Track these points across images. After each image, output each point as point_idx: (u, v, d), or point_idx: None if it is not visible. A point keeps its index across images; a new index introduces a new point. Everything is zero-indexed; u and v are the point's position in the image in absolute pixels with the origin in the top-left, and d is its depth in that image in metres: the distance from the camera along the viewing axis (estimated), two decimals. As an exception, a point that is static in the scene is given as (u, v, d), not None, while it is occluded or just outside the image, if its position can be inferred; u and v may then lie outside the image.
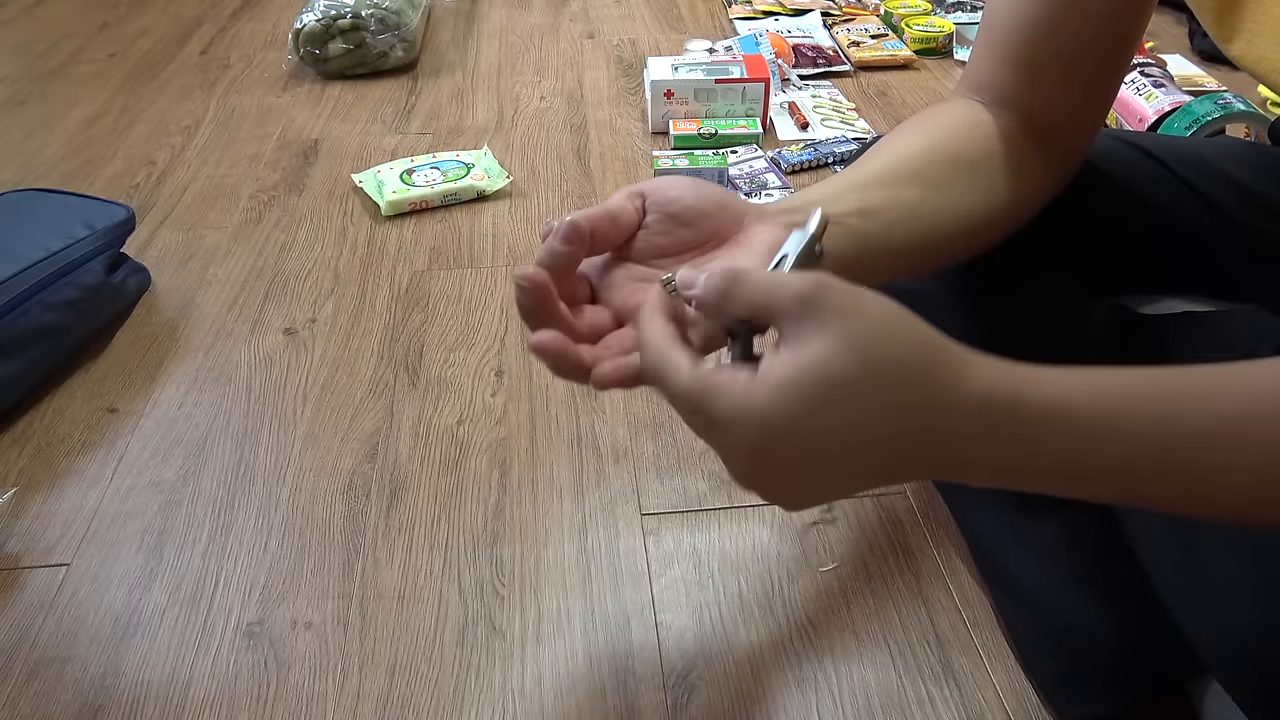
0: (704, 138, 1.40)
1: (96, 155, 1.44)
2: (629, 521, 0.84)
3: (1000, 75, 0.63)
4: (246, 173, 1.39)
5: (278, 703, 0.70)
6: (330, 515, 0.85)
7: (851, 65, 1.67)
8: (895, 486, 0.86)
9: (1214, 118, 1.18)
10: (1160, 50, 1.62)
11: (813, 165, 1.36)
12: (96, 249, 1.05)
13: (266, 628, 0.75)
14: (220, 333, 1.07)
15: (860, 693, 0.70)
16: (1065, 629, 0.68)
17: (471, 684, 0.71)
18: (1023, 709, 0.69)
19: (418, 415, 0.95)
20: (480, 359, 1.03)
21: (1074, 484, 0.43)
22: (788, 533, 0.83)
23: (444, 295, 1.12)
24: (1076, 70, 0.61)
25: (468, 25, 1.89)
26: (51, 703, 0.70)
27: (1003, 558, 0.73)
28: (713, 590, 0.78)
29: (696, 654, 0.73)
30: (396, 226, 1.25)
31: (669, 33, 1.86)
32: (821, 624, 0.75)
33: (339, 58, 1.64)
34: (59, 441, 0.94)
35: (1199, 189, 0.69)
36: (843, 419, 0.39)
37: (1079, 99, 0.63)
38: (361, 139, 1.47)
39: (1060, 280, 0.69)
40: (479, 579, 0.79)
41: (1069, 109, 0.63)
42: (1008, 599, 0.73)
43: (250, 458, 0.91)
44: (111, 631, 0.76)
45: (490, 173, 1.32)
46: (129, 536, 0.83)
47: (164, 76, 1.70)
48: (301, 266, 1.18)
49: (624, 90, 1.62)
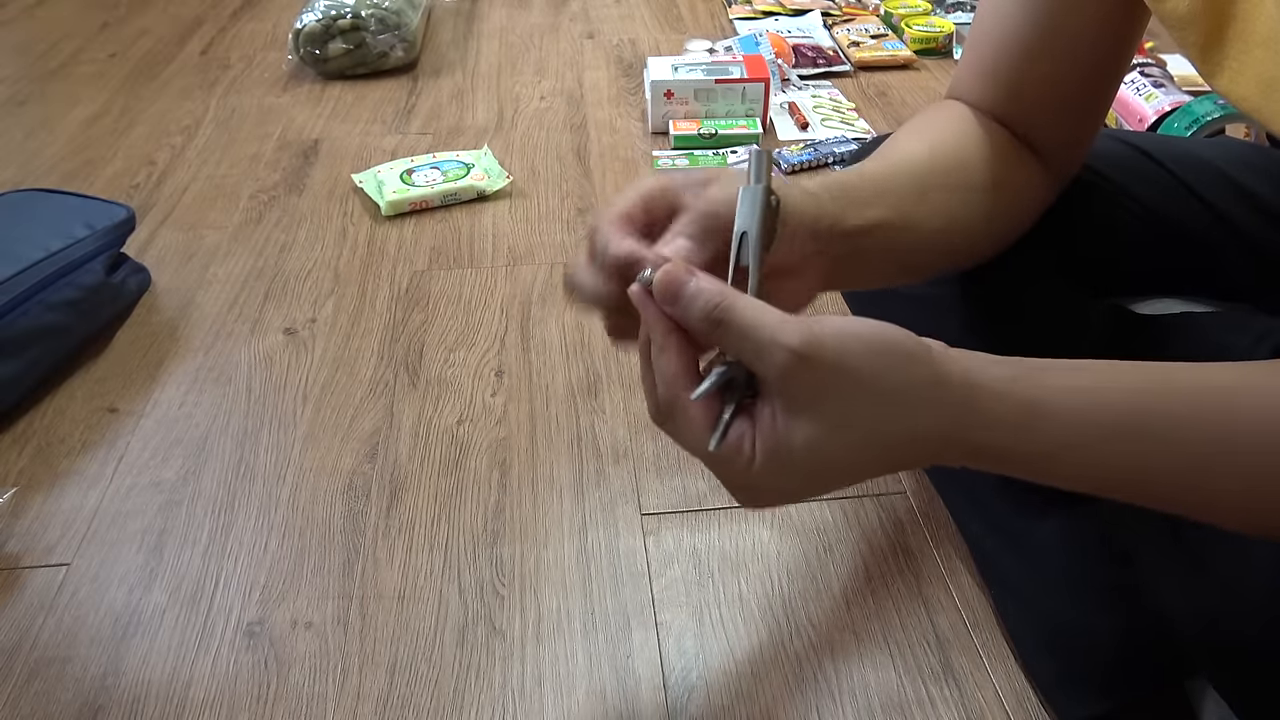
0: (704, 138, 1.41)
1: (96, 155, 1.44)
2: (629, 521, 0.84)
3: (988, 95, 0.63)
4: (246, 173, 1.39)
5: (278, 703, 0.70)
6: (330, 515, 0.85)
7: (851, 65, 1.67)
8: (895, 488, 0.87)
9: (1214, 118, 1.18)
10: (1160, 50, 1.62)
11: (813, 165, 1.36)
12: (96, 249, 1.05)
13: (266, 628, 0.75)
14: (220, 333, 1.07)
15: (860, 693, 0.70)
16: (1065, 629, 0.68)
17: (471, 684, 0.71)
18: (1023, 709, 0.69)
19: (418, 415, 0.95)
20: (480, 359, 1.03)
21: (1083, 473, 0.44)
22: (788, 533, 0.83)
23: (444, 295, 1.12)
24: (1065, 94, 0.61)
25: (468, 25, 1.89)
26: (51, 703, 0.70)
27: (1002, 559, 0.73)
28: (713, 590, 0.78)
29: (696, 654, 0.73)
30: (396, 226, 1.25)
31: (669, 33, 1.86)
32: (821, 624, 0.75)
33: (339, 58, 1.64)
34: (59, 441, 0.94)
35: (1198, 191, 0.69)
36: (849, 465, 0.43)
37: (1068, 121, 0.63)
38: (361, 139, 1.47)
39: (1059, 282, 0.69)
40: (479, 579, 0.79)
41: (1058, 130, 0.63)
42: (1007, 599, 0.73)
43: (250, 458, 0.91)
44: (111, 631, 0.76)
45: (490, 173, 1.32)
46: (129, 536, 0.83)
47: (164, 76, 1.70)
48: (301, 266, 1.18)
49: (624, 90, 1.62)
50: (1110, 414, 0.42)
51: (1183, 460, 0.42)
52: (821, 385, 0.40)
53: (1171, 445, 0.42)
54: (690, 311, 0.41)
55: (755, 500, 0.44)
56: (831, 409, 0.40)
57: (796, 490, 0.43)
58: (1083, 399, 0.42)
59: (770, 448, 0.40)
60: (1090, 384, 0.43)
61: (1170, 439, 0.42)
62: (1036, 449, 0.42)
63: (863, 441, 0.41)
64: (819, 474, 0.42)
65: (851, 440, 0.41)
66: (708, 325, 0.41)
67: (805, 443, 0.40)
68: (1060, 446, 0.42)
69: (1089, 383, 0.43)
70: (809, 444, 0.40)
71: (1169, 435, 0.42)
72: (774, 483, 0.42)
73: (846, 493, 0.86)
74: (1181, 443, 0.42)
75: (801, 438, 0.40)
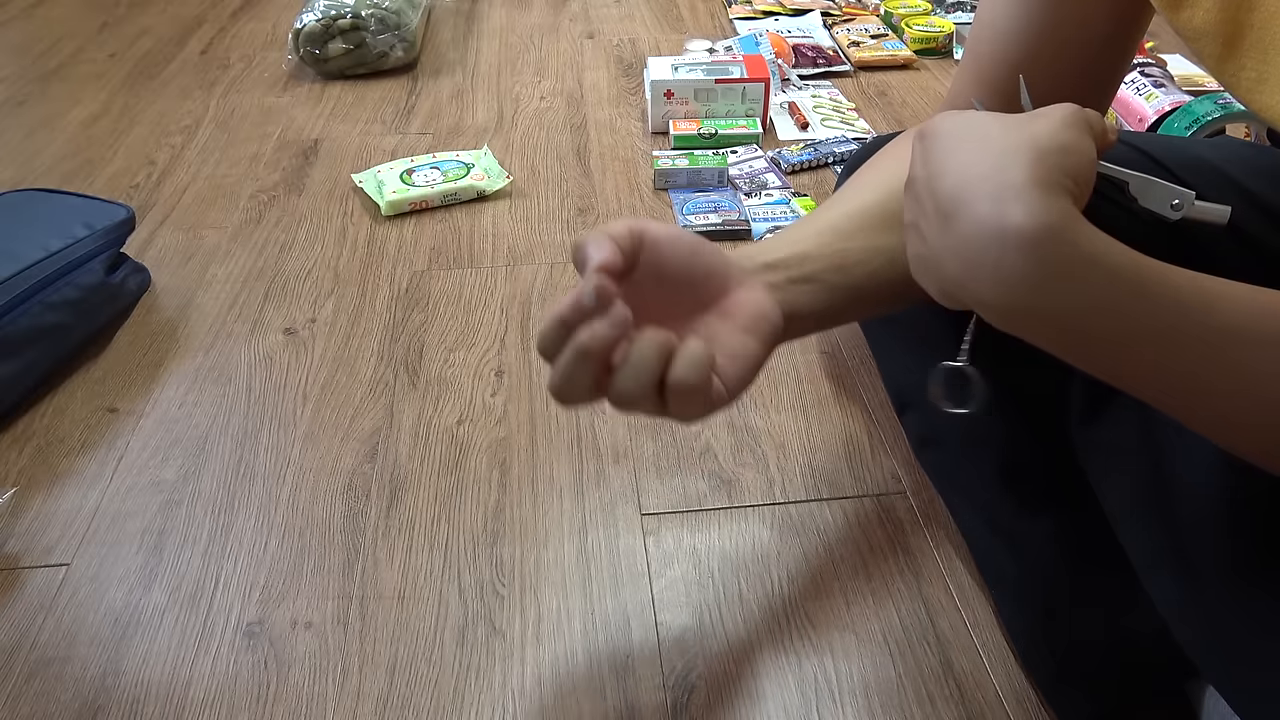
0: (704, 138, 1.40)
1: (96, 155, 1.44)
2: (629, 521, 0.84)
3: (987, 99, 0.63)
4: (246, 173, 1.39)
5: (278, 703, 0.70)
6: (330, 515, 0.85)
7: (851, 65, 1.67)
8: (896, 488, 0.87)
9: (1214, 118, 1.18)
10: (1160, 50, 1.62)
11: (813, 165, 1.36)
12: (96, 249, 1.05)
13: (266, 628, 0.75)
14: (220, 333, 1.07)
15: (860, 693, 0.70)
16: (1064, 629, 0.68)
17: (471, 684, 0.71)
18: (1023, 709, 0.69)
19: (418, 415, 0.95)
20: (480, 359, 1.03)
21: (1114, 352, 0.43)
22: (788, 533, 0.83)
23: (444, 295, 1.12)
24: (1065, 96, 0.61)
25: (468, 25, 1.89)
26: (51, 703, 0.70)
27: (1002, 558, 0.74)
28: (713, 590, 0.78)
29: (696, 654, 0.73)
30: (396, 226, 1.25)
31: (669, 33, 1.86)
32: (821, 624, 0.75)
33: (339, 58, 1.64)
34: (59, 441, 0.94)
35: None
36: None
37: None
38: (361, 139, 1.47)
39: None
40: (479, 579, 0.79)
41: None
42: (1007, 599, 0.73)
43: (250, 458, 0.91)
44: (111, 631, 0.76)
45: (490, 173, 1.32)
46: (129, 536, 0.83)
47: (164, 76, 1.70)
48: (301, 266, 1.18)
49: (624, 90, 1.62)
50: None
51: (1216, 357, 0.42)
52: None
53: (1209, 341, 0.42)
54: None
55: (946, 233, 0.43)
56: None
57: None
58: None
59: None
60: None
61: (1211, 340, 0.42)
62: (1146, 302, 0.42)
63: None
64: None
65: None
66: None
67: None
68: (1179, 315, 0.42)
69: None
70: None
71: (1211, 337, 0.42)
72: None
73: (846, 493, 0.86)
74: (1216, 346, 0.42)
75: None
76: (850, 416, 0.95)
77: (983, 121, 0.44)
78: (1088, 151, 0.43)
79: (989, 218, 0.40)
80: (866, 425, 0.94)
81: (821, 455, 0.90)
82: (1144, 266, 0.41)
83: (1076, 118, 0.44)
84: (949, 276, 0.43)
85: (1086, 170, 0.42)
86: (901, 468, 0.89)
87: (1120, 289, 0.40)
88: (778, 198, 1.28)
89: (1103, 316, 0.41)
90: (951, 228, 0.41)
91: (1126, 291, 0.40)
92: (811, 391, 0.98)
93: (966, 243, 0.41)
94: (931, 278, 0.44)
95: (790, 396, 0.97)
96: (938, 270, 0.43)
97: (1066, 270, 0.40)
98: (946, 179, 0.42)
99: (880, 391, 0.96)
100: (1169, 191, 0.47)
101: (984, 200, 0.40)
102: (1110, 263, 0.40)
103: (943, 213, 0.42)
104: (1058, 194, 0.40)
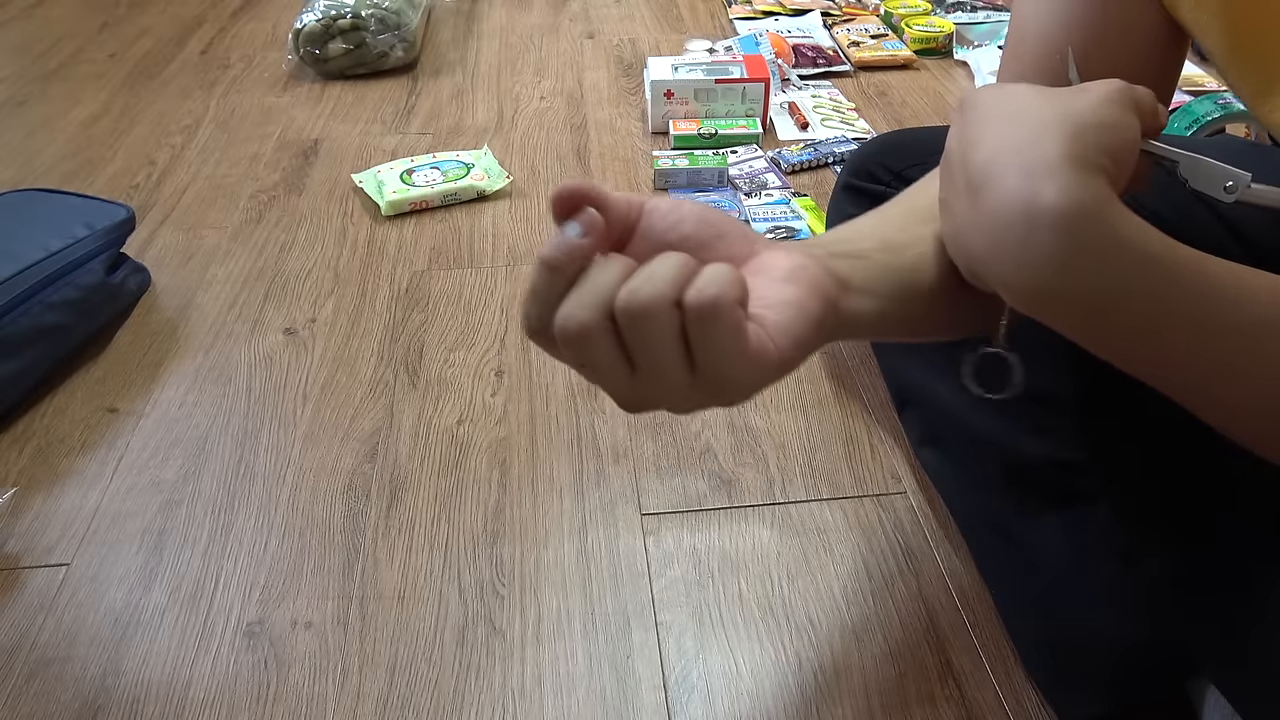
0: (704, 138, 1.40)
1: (96, 155, 1.44)
2: (629, 521, 0.84)
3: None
4: (246, 173, 1.39)
5: (278, 703, 0.70)
6: (330, 515, 0.85)
7: (851, 65, 1.67)
8: (896, 488, 0.87)
9: (1214, 118, 1.18)
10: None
11: (813, 165, 1.36)
12: (96, 249, 1.05)
13: (266, 628, 0.75)
14: (220, 333, 1.07)
15: (860, 693, 0.70)
16: (1065, 629, 0.68)
17: (471, 684, 0.71)
18: (1023, 709, 0.69)
19: (418, 415, 0.95)
20: (480, 359, 1.03)
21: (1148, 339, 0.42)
22: (788, 533, 0.83)
23: (444, 295, 1.12)
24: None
25: (468, 25, 1.89)
26: (51, 703, 0.70)
27: (1002, 558, 0.73)
28: (713, 590, 0.78)
29: (696, 654, 0.73)
30: (396, 226, 1.25)
31: (669, 33, 1.86)
32: (821, 624, 0.75)
33: (339, 58, 1.64)
34: (59, 441, 0.94)
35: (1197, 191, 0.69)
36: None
37: None
38: (361, 139, 1.47)
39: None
40: (479, 579, 0.79)
41: None
42: (1007, 599, 0.73)
43: (250, 458, 0.91)
44: (111, 631, 0.76)
45: (490, 173, 1.32)
46: (129, 536, 0.83)
47: (164, 76, 1.70)
48: (301, 266, 1.18)
49: (624, 90, 1.62)
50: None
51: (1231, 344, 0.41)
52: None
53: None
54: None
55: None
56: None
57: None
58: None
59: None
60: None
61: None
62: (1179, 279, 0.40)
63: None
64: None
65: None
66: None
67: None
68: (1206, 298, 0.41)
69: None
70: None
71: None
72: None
73: (846, 493, 0.86)
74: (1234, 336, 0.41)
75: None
76: (850, 416, 0.95)
77: (1021, 93, 0.42)
78: (1129, 130, 0.41)
79: (1017, 193, 0.38)
80: (866, 425, 0.94)
81: (821, 455, 0.90)
82: (1179, 252, 0.40)
83: (1121, 93, 0.42)
84: (975, 254, 0.41)
85: (1126, 150, 0.41)
86: (901, 467, 0.89)
87: (1154, 273, 0.39)
88: (778, 198, 1.28)
89: (1135, 301, 0.39)
90: (979, 202, 0.40)
91: (1161, 276, 0.39)
92: (811, 391, 0.98)
93: (993, 218, 0.39)
94: (961, 255, 0.43)
95: (790, 396, 0.97)
96: (965, 247, 0.42)
97: (1098, 251, 0.38)
98: (979, 151, 0.40)
99: (880, 391, 0.96)
100: (1223, 173, 0.44)
101: (1014, 175, 0.38)
102: (1144, 248, 0.39)
103: (972, 186, 0.40)
104: (1092, 172, 0.38)
